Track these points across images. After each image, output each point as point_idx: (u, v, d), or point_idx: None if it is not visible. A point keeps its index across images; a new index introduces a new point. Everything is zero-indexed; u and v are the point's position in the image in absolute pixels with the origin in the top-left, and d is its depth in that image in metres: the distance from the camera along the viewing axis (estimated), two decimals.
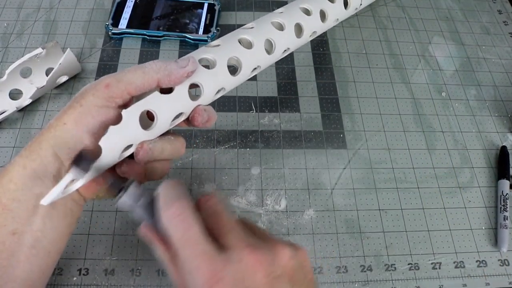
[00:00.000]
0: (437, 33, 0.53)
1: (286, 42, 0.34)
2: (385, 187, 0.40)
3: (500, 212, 0.39)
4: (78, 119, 0.25)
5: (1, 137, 0.40)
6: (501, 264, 0.37)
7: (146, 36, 0.48)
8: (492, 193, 0.41)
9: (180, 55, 0.47)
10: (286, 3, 0.53)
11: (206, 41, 0.48)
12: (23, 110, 0.42)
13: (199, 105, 0.28)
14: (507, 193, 0.40)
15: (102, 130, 0.25)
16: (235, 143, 0.42)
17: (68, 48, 0.41)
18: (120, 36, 0.48)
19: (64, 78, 0.44)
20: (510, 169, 0.42)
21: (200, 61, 0.29)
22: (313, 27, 0.36)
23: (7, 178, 0.24)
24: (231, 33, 0.32)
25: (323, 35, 0.50)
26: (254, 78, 0.44)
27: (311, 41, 0.43)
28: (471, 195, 0.41)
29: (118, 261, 0.35)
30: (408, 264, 0.37)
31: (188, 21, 0.49)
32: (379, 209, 0.39)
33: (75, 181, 0.24)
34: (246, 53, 0.31)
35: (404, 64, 0.49)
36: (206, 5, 0.51)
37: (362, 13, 0.53)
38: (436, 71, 0.49)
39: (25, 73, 0.42)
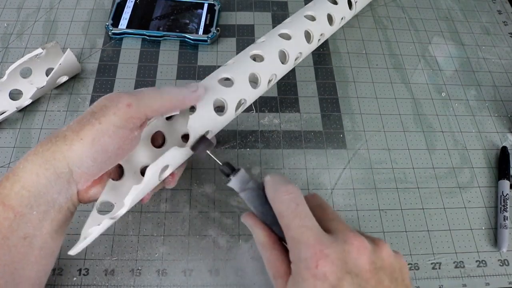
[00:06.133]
0: (437, 33, 0.53)
1: (271, 72, 0.36)
2: (385, 187, 0.40)
3: (500, 212, 0.39)
4: (96, 137, 0.25)
5: (1, 137, 0.40)
6: (501, 264, 0.37)
7: (146, 36, 0.48)
8: (492, 193, 0.41)
9: (180, 55, 0.47)
10: (286, 3, 0.53)
11: (206, 41, 0.48)
12: (23, 110, 0.42)
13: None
14: (507, 194, 0.40)
15: (115, 150, 0.26)
16: (235, 143, 0.42)
17: (68, 48, 0.41)
18: (120, 36, 0.48)
19: (64, 78, 0.44)
20: (510, 169, 0.42)
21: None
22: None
23: (19, 185, 0.24)
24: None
25: None
26: None
27: None
28: (471, 195, 0.41)
29: (118, 261, 0.35)
30: (408, 264, 0.37)
31: (188, 21, 0.49)
32: (379, 209, 0.39)
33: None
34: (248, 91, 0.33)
35: (404, 64, 0.49)
36: (206, 5, 0.51)
37: (362, 13, 0.53)
38: (436, 71, 0.49)
39: (25, 73, 0.42)
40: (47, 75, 0.43)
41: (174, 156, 0.29)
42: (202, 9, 0.50)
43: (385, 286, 0.23)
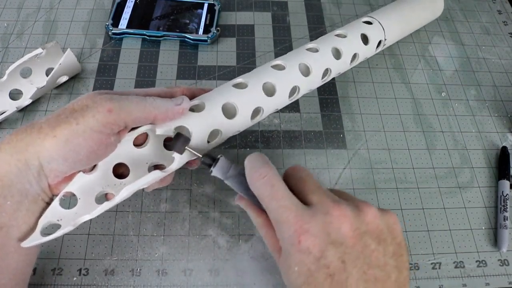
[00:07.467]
0: (437, 33, 0.53)
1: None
2: (385, 187, 0.40)
3: (500, 213, 0.39)
4: (70, 137, 0.25)
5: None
6: (501, 264, 0.37)
7: (146, 36, 0.48)
8: (492, 193, 0.41)
9: (180, 55, 0.47)
10: (286, 3, 0.53)
11: (206, 41, 0.48)
12: (23, 110, 0.42)
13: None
14: (507, 194, 0.40)
15: (87, 153, 0.26)
16: (235, 143, 0.42)
17: (68, 48, 0.41)
18: (120, 36, 0.48)
19: (64, 78, 0.44)
20: (510, 169, 0.42)
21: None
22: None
23: None
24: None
25: None
26: None
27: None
28: (471, 195, 0.41)
29: (118, 261, 0.35)
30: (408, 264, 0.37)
31: (188, 21, 0.49)
32: None
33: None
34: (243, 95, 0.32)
35: (404, 64, 0.49)
36: (206, 5, 0.51)
37: (362, 14, 0.53)
38: (436, 71, 0.49)
39: (25, 73, 0.42)
40: (47, 75, 0.43)
41: (155, 178, 0.28)
42: (202, 9, 0.50)
43: (372, 250, 0.23)
